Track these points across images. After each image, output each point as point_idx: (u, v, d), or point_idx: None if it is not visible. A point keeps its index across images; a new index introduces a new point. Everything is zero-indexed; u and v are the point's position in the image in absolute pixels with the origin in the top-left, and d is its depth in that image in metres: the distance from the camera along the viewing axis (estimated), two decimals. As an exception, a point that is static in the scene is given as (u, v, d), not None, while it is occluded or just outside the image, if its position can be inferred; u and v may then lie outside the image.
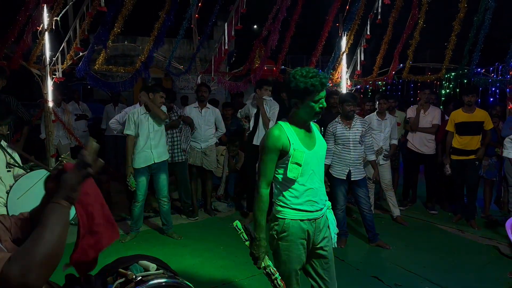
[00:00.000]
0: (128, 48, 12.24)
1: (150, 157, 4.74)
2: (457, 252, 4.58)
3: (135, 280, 1.79)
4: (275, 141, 2.26)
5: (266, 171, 2.30)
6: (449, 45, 6.12)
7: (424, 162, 6.11)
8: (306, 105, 2.27)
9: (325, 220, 2.45)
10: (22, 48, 4.88)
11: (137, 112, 4.76)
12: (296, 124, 2.35)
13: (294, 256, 2.33)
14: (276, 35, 6.16)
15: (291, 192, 2.32)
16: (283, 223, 2.32)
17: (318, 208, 2.36)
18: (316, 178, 2.36)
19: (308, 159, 2.29)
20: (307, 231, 2.34)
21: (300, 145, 2.28)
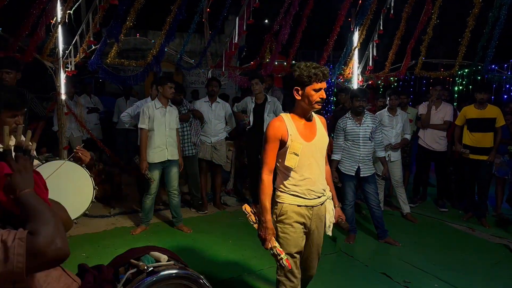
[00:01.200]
0: (140, 42, 12.30)
1: (165, 154, 4.78)
2: (467, 250, 4.55)
3: (146, 270, 1.82)
4: (275, 131, 2.43)
5: (268, 159, 2.47)
6: (463, 41, 6.04)
7: (435, 159, 6.06)
8: (307, 93, 2.40)
9: (323, 209, 2.59)
10: (36, 41, 4.92)
11: (152, 106, 4.76)
12: (297, 115, 2.50)
13: (291, 239, 2.49)
14: (287, 30, 6.13)
15: (289, 180, 2.49)
16: (282, 207, 2.51)
17: (315, 196, 2.52)
18: (315, 168, 2.50)
19: (306, 149, 2.45)
20: (305, 216, 2.50)
21: (298, 136, 2.44)
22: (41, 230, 1.35)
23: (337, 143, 4.72)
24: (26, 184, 1.48)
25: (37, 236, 1.33)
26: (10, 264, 1.30)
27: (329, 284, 3.70)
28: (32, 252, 1.31)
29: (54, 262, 1.37)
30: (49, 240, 1.33)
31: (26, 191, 1.47)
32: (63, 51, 5.29)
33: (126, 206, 5.84)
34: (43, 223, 1.38)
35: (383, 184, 5.57)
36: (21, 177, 1.48)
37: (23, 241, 1.32)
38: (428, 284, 3.72)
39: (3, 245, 1.32)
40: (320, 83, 2.40)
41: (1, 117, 2.34)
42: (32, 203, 1.44)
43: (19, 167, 1.49)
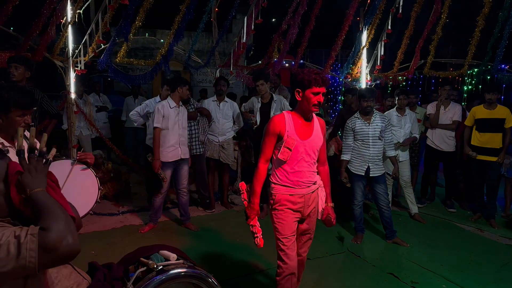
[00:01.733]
0: (148, 41, 12.37)
1: (178, 153, 4.82)
2: (476, 251, 4.52)
3: (156, 269, 1.84)
4: (274, 126, 2.73)
5: (265, 150, 2.78)
6: (473, 41, 6.00)
7: (443, 159, 6.02)
8: (306, 96, 2.67)
9: (315, 197, 2.87)
10: (46, 41, 4.97)
11: (166, 105, 4.78)
12: (298, 115, 2.77)
13: (285, 223, 2.78)
14: (295, 29, 6.13)
15: (281, 172, 2.79)
16: (275, 196, 2.80)
17: (305, 186, 2.81)
18: (305, 163, 2.78)
19: (300, 146, 2.73)
20: (297, 203, 2.78)
21: (294, 133, 2.72)
22: (53, 226, 1.37)
23: (346, 143, 4.71)
24: (36, 183, 1.50)
25: (49, 231, 1.35)
26: (23, 259, 1.33)
27: (336, 284, 3.70)
28: (44, 248, 1.33)
29: (66, 258, 1.39)
30: (60, 236, 1.35)
31: (37, 190, 1.49)
32: (72, 51, 5.35)
33: (134, 204, 5.89)
34: (54, 220, 1.40)
35: (391, 185, 5.55)
36: (32, 177, 1.50)
37: (35, 236, 1.35)
38: (436, 285, 3.70)
39: (17, 240, 1.35)
40: (318, 88, 2.66)
41: (10, 116, 2.36)
42: (43, 201, 1.46)
43: (30, 167, 1.52)
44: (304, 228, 2.92)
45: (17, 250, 1.32)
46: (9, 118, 2.36)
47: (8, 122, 2.37)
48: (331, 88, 11.92)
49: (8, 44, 6.57)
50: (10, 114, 2.36)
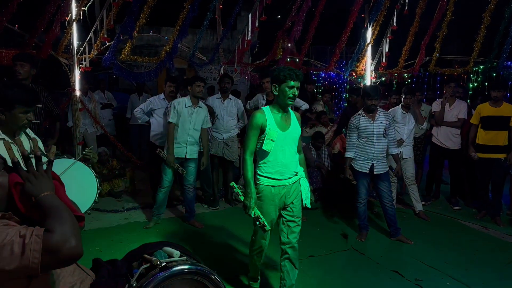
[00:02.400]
0: (153, 38, 12.37)
1: (183, 152, 4.84)
2: (480, 249, 4.51)
3: (159, 266, 1.84)
4: (257, 120, 2.94)
5: (249, 143, 2.99)
6: (478, 38, 5.95)
7: (448, 157, 5.99)
8: (282, 89, 2.92)
9: (296, 186, 3.10)
10: (51, 38, 5.00)
11: (182, 102, 4.81)
12: (276, 109, 3.01)
13: (264, 212, 3.00)
14: (300, 26, 6.11)
15: (265, 163, 3.00)
16: (259, 187, 3.01)
17: (287, 177, 3.03)
18: (287, 154, 3.00)
19: (281, 137, 2.95)
20: (279, 194, 3.01)
21: (275, 126, 2.95)
22: (57, 228, 1.39)
23: (350, 141, 4.70)
24: (42, 189, 1.49)
25: (53, 233, 1.37)
26: (26, 259, 1.34)
27: (340, 281, 3.70)
28: (48, 249, 1.35)
29: (68, 261, 1.41)
30: (64, 238, 1.36)
31: (44, 194, 1.48)
32: (77, 48, 5.36)
33: (139, 201, 5.91)
34: (59, 222, 1.41)
35: (395, 182, 5.54)
36: (33, 185, 1.49)
37: (39, 237, 1.36)
38: (440, 282, 3.70)
39: (22, 240, 1.36)
40: (293, 82, 2.90)
41: (14, 113, 2.38)
42: (49, 205, 1.47)
43: (29, 175, 1.50)
44: (290, 215, 3.12)
45: (21, 249, 1.34)
46: (12, 115, 2.38)
47: (11, 119, 2.39)
48: (335, 86, 11.90)
49: (13, 42, 6.60)
50: (13, 111, 2.38)
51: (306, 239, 4.67)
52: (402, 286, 3.63)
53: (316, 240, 4.67)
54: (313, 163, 5.97)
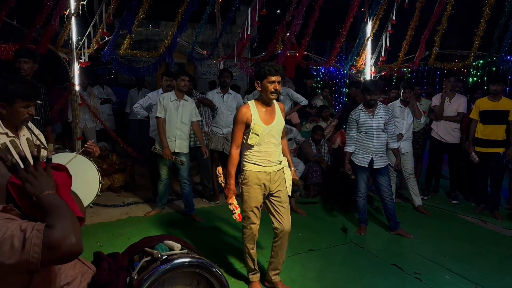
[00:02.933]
0: (152, 33, 12.33)
1: (173, 146, 4.86)
2: (479, 242, 4.53)
3: (160, 258, 1.85)
4: (242, 115, 3.09)
5: (236, 137, 3.16)
6: (478, 32, 5.93)
7: (448, 151, 6.00)
8: (264, 85, 3.05)
9: (280, 174, 3.27)
10: (50, 33, 4.98)
11: (167, 97, 4.84)
12: (260, 103, 3.16)
13: (252, 196, 3.19)
14: (300, 20, 6.08)
15: (251, 153, 3.18)
16: (245, 173, 3.20)
17: (272, 165, 3.21)
18: (271, 145, 3.18)
19: (265, 131, 3.12)
20: (264, 180, 3.17)
21: (259, 120, 3.10)
22: (58, 225, 1.39)
23: (350, 135, 4.70)
24: (42, 188, 1.49)
25: (54, 229, 1.37)
26: (27, 254, 1.34)
27: (339, 275, 3.72)
28: (48, 245, 1.35)
29: (68, 257, 1.41)
30: (64, 234, 1.37)
31: (45, 193, 1.48)
32: (76, 42, 5.34)
33: (139, 196, 5.92)
34: (60, 219, 1.41)
35: (395, 176, 5.55)
36: (33, 185, 1.49)
37: (40, 232, 1.36)
38: (439, 276, 3.72)
39: (22, 234, 1.36)
40: (273, 77, 3.02)
41: (15, 107, 2.38)
42: (49, 203, 1.47)
43: (27, 176, 1.49)
44: (278, 200, 3.27)
45: (22, 244, 1.34)
46: (13, 109, 2.38)
47: (12, 113, 2.40)
48: (335, 80, 11.89)
49: (12, 37, 6.58)
50: (14, 105, 2.38)
51: (306, 233, 4.70)
52: (401, 279, 3.65)
53: (316, 234, 4.69)
54: (313, 158, 5.98)
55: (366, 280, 3.62)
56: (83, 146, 2.80)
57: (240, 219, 3.25)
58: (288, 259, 4.00)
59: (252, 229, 3.28)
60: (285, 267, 3.81)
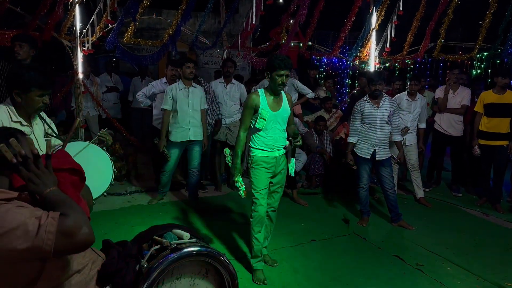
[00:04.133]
0: (154, 21, 12.24)
1: (187, 134, 4.87)
2: (481, 235, 4.55)
3: (170, 247, 1.87)
4: (252, 101, 3.33)
5: (245, 120, 3.39)
6: (484, 24, 5.89)
7: (451, 143, 6.01)
8: (273, 77, 3.28)
9: (284, 158, 3.51)
10: (54, 20, 4.93)
11: (175, 87, 4.83)
12: (269, 92, 3.39)
13: (260, 178, 3.40)
14: (305, 10, 6.02)
15: (258, 138, 3.40)
16: (253, 157, 3.42)
17: (277, 149, 3.44)
18: (277, 130, 3.41)
19: (272, 117, 3.35)
20: (270, 163, 3.40)
21: (267, 106, 3.34)
22: (71, 213, 1.42)
23: (353, 126, 4.70)
24: (46, 185, 1.51)
25: (68, 217, 1.40)
26: (40, 240, 1.35)
27: (341, 265, 3.75)
28: (63, 232, 1.37)
29: (81, 247, 1.44)
30: (78, 223, 1.40)
31: (48, 190, 1.50)
32: (80, 30, 5.30)
33: (142, 185, 5.94)
34: (72, 210, 1.44)
35: (397, 168, 5.56)
36: (36, 184, 1.50)
37: (55, 220, 1.38)
38: (441, 267, 3.75)
39: (37, 221, 1.38)
40: (282, 71, 3.23)
41: (30, 96, 2.39)
42: (55, 199, 1.49)
43: (29, 175, 1.49)
44: (274, 182, 3.52)
45: (36, 230, 1.35)
46: (28, 98, 2.39)
47: (27, 102, 2.41)
48: (337, 71, 11.83)
49: (14, 24, 6.53)
50: (29, 94, 2.38)
51: (308, 224, 4.72)
52: (403, 270, 3.68)
53: (318, 225, 4.72)
54: (315, 149, 5.98)
55: (368, 271, 3.65)
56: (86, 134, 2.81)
57: (245, 195, 3.38)
58: (291, 249, 4.05)
59: (260, 212, 3.40)
60: (287, 257, 3.86)
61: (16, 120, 2.42)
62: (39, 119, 2.63)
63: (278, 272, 3.59)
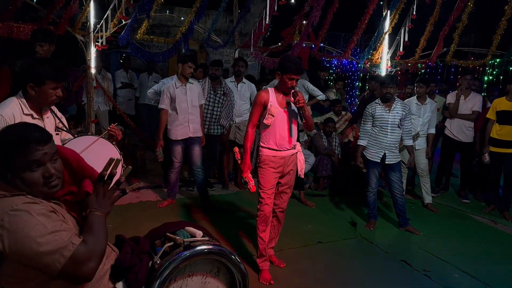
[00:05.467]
0: (165, 18, 12.26)
1: (186, 132, 4.86)
2: (489, 242, 4.52)
3: (183, 244, 1.88)
4: (261, 98, 3.36)
5: (253, 117, 3.43)
6: (498, 30, 5.85)
7: (460, 149, 5.97)
8: (283, 79, 3.29)
9: (294, 158, 3.49)
10: (69, 14, 4.97)
11: (172, 86, 4.82)
12: (278, 91, 3.40)
13: (267, 179, 3.40)
14: (319, 12, 6.01)
15: (267, 136, 3.39)
16: (262, 157, 3.42)
17: (286, 149, 3.41)
18: (285, 128, 3.37)
19: (280, 114, 3.34)
20: (278, 163, 3.39)
21: (276, 104, 3.34)
22: (90, 243, 1.48)
23: (364, 129, 4.69)
24: (98, 207, 1.60)
25: (85, 245, 1.46)
26: (51, 261, 1.41)
27: (347, 268, 3.74)
28: (74, 258, 1.42)
29: (81, 277, 1.47)
30: (89, 256, 1.45)
31: (97, 213, 1.59)
32: (94, 25, 5.33)
33: (150, 181, 5.97)
34: (94, 240, 1.50)
35: (406, 173, 5.53)
36: (96, 200, 1.61)
37: (73, 247, 1.43)
38: (448, 274, 3.73)
39: (58, 238, 1.43)
40: (293, 75, 3.25)
41: (44, 88, 2.40)
42: (94, 224, 1.56)
43: (100, 191, 1.62)
44: (283, 183, 3.51)
45: (54, 249, 1.40)
46: (42, 91, 2.40)
47: (40, 95, 2.41)
48: (348, 73, 11.80)
49: (28, 17, 6.57)
50: (44, 87, 2.39)
51: (315, 226, 4.72)
52: (410, 275, 3.67)
53: (325, 227, 4.71)
54: (324, 151, 5.97)
55: (374, 275, 3.65)
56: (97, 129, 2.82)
57: (254, 189, 3.45)
58: (297, 250, 4.05)
59: (265, 211, 3.42)
60: (294, 257, 3.86)
61: (28, 113, 2.43)
62: (50, 112, 2.64)
63: (285, 272, 3.59)
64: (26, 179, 1.50)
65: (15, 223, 1.38)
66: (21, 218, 1.39)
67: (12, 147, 1.48)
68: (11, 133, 1.53)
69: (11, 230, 1.37)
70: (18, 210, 1.41)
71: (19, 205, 1.42)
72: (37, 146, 1.50)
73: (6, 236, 1.37)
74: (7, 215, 1.39)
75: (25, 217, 1.40)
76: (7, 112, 2.36)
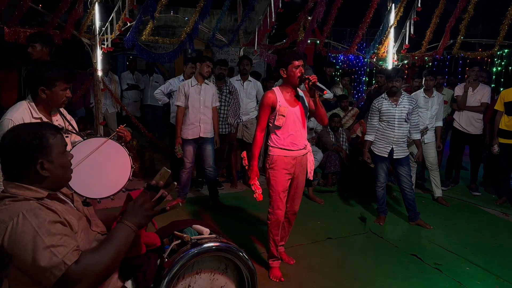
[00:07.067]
0: (171, 19, 12.33)
1: (197, 131, 4.87)
2: (500, 235, 4.48)
3: (190, 242, 1.89)
4: (267, 99, 3.22)
5: (261, 121, 3.28)
6: (505, 20, 5.77)
7: (470, 142, 5.92)
8: (290, 71, 3.15)
9: (305, 159, 3.36)
10: (74, 18, 5.02)
11: (188, 84, 4.86)
12: (285, 89, 3.27)
13: (279, 181, 3.27)
14: (323, 7, 5.98)
15: (277, 136, 3.27)
16: (272, 158, 3.28)
17: (298, 149, 3.29)
18: (297, 128, 3.27)
19: (290, 113, 3.22)
20: (290, 164, 3.26)
21: (285, 103, 3.21)
22: (85, 263, 1.43)
23: (371, 124, 4.67)
24: (132, 217, 1.57)
25: (75, 265, 1.41)
26: (48, 272, 1.40)
27: (358, 264, 3.73)
28: (62, 279, 1.40)
29: None
30: (78, 277, 1.41)
31: (127, 223, 1.55)
32: (99, 28, 5.38)
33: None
34: (98, 256, 1.46)
35: (415, 167, 5.49)
36: (133, 208, 1.58)
37: (65, 267, 1.40)
38: (460, 267, 3.70)
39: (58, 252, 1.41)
40: (297, 61, 3.13)
41: (54, 91, 2.42)
42: (113, 238, 1.52)
43: (141, 199, 1.60)
44: (294, 185, 3.40)
45: (53, 261, 1.40)
46: (53, 93, 2.42)
47: (51, 97, 2.43)
48: (354, 69, 11.74)
49: (34, 22, 6.65)
50: (54, 89, 2.41)
51: (324, 222, 4.72)
52: (421, 269, 3.65)
53: (334, 223, 4.71)
54: (331, 147, 5.96)
55: (385, 269, 3.63)
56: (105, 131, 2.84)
57: (261, 198, 3.34)
58: (307, 247, 4.05)
59: (278, 215, 3.32)
60: (303, 254, 3.86)
61: (37, 117, 2.45)
62: (60, 115, 2.67)
63: (295, 269, 3.59)
64: (64, 163, 1.59)
65: (14, 234, 1.39)
66: (22, 228, 1.39)
67: (45, 141, 1.53)
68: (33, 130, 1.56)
69: (10, 240, 1.39)
70: (23, 218, 1.41)
71: (25, 212, 1.42)
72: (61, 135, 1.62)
73: (6, 245, 1.39)
74: (11, 224, 1.40)
75: (26, 227, 1.40)
76: (16, 117, 2.39)
